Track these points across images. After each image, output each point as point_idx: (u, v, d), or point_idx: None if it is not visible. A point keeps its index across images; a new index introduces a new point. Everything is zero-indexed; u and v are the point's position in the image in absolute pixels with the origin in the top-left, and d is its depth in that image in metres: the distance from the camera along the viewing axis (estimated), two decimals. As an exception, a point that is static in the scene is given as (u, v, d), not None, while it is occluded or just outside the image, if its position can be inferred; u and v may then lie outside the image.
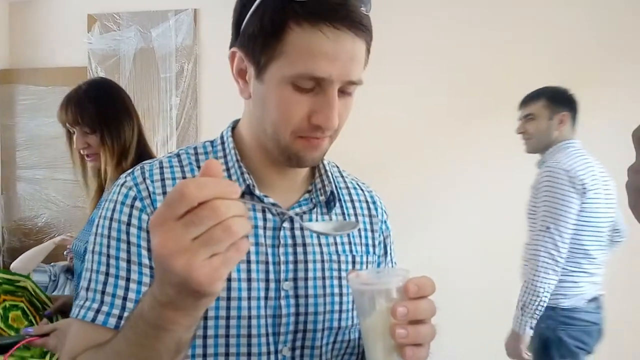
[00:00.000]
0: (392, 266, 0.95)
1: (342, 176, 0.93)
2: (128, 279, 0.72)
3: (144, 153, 1.55)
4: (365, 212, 0.90)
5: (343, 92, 0.73)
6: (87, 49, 2.95)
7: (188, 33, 2.90)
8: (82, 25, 2.97)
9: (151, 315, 0.55)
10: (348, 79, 0.71)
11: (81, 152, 1.56)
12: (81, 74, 2.92)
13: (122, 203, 0.75)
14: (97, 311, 0.71)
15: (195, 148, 0.84)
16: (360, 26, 0.69)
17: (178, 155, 0.83)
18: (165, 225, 0.48)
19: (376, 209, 0.92)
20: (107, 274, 0.72)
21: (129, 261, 0.72)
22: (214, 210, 0.48)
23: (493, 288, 2.50)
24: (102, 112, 1.55)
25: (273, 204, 0.79)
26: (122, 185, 0.77)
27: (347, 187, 0.91)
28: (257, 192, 0.78)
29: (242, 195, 0.76)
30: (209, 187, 0.49)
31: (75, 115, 1.52)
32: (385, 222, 0.93)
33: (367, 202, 0.91)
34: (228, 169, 0.80)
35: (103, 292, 0.72)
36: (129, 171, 0.79)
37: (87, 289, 0.73)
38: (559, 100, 2.00)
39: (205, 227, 0.48)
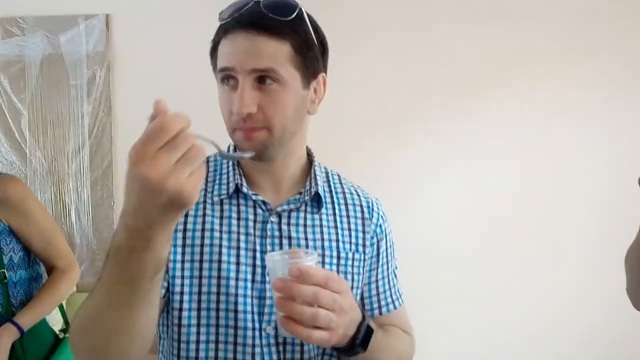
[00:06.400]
0: (394, 270, 1.07)
1: (341, 183, 1.05)
2: None
3: None
4: (359, 214, 1.01)
5: (262, 82, 0.84)
6: (-12, 55, 2.78)
7: (100, 39, 2.81)
8: (-19, 30, 2.80)
9: (129, 242, 0.60)
10: (250, 67, 0.82)
11: None
12: (-19, 81, 2.75)
13: None
14: None
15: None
16: (258, 27, 0.82)
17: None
18: (149, 155, 0.56)
19: (369, 212, 1.03)
20: None
21: None
22: (187, 137, 0.58)
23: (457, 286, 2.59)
24: None
25: (263, 202, 0.92)
26: None
27: (344, 192, 1.03)
28: (244, 189, 0.91)
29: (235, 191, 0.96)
30: (181, 120, 0.58)
31: None
32: (380, 225, 1.03)
33: (361, 206, 1.02)
34: (228, 172, 0.95)
35: None
36: None
37: None
38: None
39: (182, 151, 0.57)
